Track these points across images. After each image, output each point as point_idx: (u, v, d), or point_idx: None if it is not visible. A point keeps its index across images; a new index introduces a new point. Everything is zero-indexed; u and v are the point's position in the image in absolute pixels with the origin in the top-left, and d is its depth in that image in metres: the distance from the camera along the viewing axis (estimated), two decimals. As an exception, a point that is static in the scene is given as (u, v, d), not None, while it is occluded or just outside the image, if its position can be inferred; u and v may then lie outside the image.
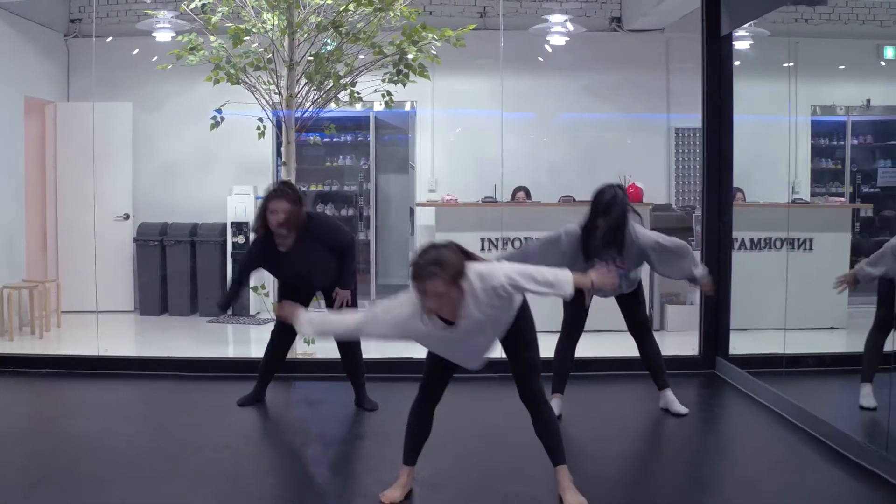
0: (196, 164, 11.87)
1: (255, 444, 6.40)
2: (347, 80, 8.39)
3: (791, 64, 11.64)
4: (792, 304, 8.77)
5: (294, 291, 6.74)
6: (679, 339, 9.79)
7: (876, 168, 12.66)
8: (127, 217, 11.68)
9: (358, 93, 8.46)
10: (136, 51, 11.38)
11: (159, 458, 5.80)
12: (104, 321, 9.44)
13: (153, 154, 12.01)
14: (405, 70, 8.29)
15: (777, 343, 8.42)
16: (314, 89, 8.38)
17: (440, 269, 4.39)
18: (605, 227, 6.34)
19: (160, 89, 11.86)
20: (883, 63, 12.14)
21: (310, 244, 6.58)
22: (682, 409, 6.86)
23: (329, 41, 8.32)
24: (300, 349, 8.43)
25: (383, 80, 8.37)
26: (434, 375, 5.00)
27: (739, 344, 8.40)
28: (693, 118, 11.93)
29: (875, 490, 5.30)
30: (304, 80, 8.38)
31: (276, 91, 8.45)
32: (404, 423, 5.04)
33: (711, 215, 8.32)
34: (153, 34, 10.79)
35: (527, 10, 11.69)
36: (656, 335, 10.09)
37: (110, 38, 11.24)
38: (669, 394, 6.94)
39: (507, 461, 5.84)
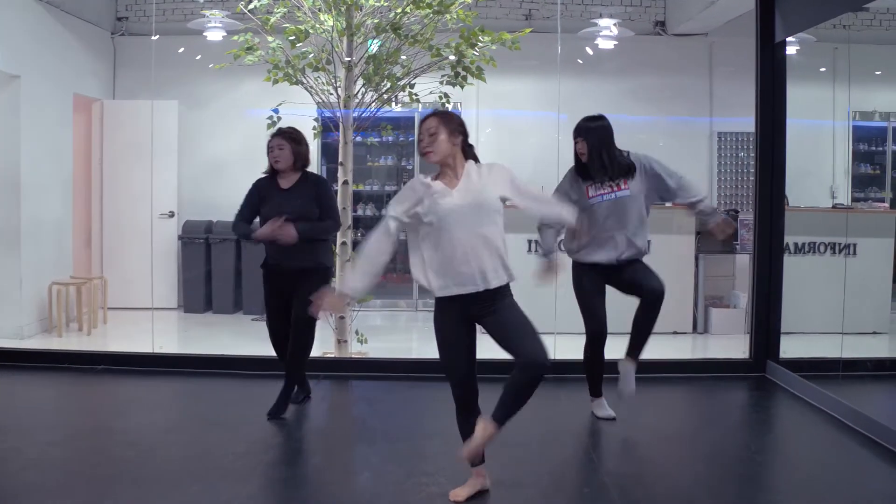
0: (241, 162, 11.87)
1: (323, 443, 6.47)
2: (404, 81, 8.45)
3: (823, 69, 11.71)
4: (836, 307, 8.84)
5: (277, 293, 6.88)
6: (723, 342, 9.87)
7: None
8: (172, 215, 11.77)
9: (416, 94, 8.52)
10: (181, 49, 11.44)
11: (229, 457, 5.83)
12: (149, 318, 9.50)
13: (198, 152, 12.10)
14: (463, 73, 8.36)
15: (821, 347, 8.49)
16: (371, 90, 8.44)
17: (443, 115, 5.04)
18: (587, 148, 6.49)
19: (206, 88, 11.97)
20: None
21: (306, 188, 6.78)
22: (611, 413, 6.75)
23: (378, 42, 8.37)
24: (354, 349, 8.50)
25: (441, 83, 8.42)
26: (460, 378, 4.97)
27: (784, 347, 8.43)
28: (736, 122, 12.03)
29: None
30: (361, 82, 8.44)
31: (332, 92, 8.51)
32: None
33: (764, 220, 8.34)
34: (204, 33, 10.85)
35: (572, 14, 11.73)
36: (700, 338, 10.27)
37: (157, 37, 11.31)
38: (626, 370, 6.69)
39: (576, 461, 5.92)
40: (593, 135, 6.52)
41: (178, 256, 11.84)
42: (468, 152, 5.04)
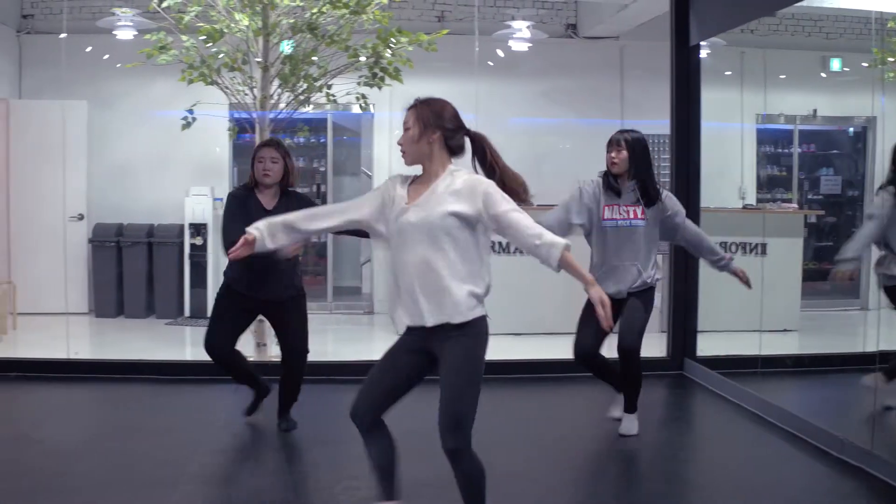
0: (152, 164, 11.74)
1: (249, 449, 6.38)
2: (321, 82, 8.39)
3: (729, 73, 11.91)
4: (746, 306, 9.00)
5: (239, 296, 6.33)
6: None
7: (818, 176, 13.00)
8: (81, 217, 11.51)
9: (333, 95, 8.46)
10: (89, 48, 11.22)
11: (153, 465, 5.74)
12: (60, 323, 9.26)
13: (108, 154, 11.84)
14: (380, 73, 8.33)
15: (734, 344, 8.65)
16: (287, 91, 8.36)
17: (423, 105, 4.29)
18: (627, 157, 6.27)
19: (115, 88, 11.72)
20: (824, 75, 12.44)
21: (290, 208, 6.22)
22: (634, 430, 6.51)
23: (292, 43, 8.30)
24: (271, 352, 8.40)
25: (359, 83, 8.38)
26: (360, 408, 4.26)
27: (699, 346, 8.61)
28: (646, 124, 12.12)
29: (860, 483, 5.50)
30: (277, 82, 8.35)
31: (247, 93, 8.41)
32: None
33: (680, 221, 8.44)
34: (114, 32, 10.65)
35: (484, 16, 11.75)
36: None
37: (64, 35, 11.07)
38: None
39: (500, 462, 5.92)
40: (637, 145, 6.35)
41: (87, 260, 11.57)
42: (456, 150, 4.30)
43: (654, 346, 8.97)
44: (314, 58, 8.37)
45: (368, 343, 10.76)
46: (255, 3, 8.08)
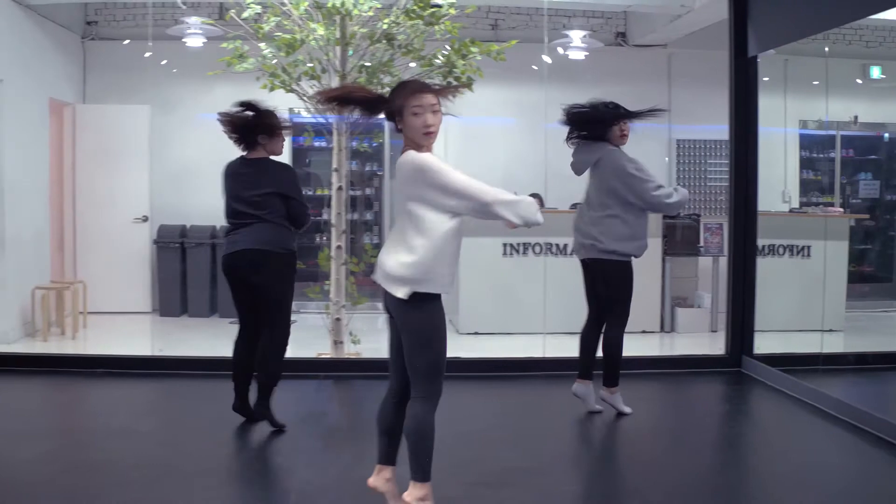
0: (213, 167, 11.95)
1: (352, 441, 6.57)
2: (396, 90, 8.66)
3: (766, 79, 12.18)
4: (795, 306, 9.27)
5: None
6: (690, 340, 10.23)
7: (858, 180, 13.29)
8: (145, 219, 11.85)
9: (410, 103, 8.74)
10: (147, 54, 11.54)
11: (246, 454, 6.11)
12: (126, 321, 9.48)
13: (169, 157, 12.20)
14: (455, 83, 8.61)
15: (785, 343, 8.97)
16: (363, 98, 8.63)
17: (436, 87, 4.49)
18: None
19: (176, 92, 12.08)
20: (859, 81, 12.73)
21: (268, 167, 6.96)
22: (627, 409, 6.96)
23: (350, 52, 8.61)
24: (347, 349, 8.70)
25: (431, 93, 8.65)
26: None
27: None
28: (694, 129, 12.46)
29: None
30: (353, 90, 8.63)
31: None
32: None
33: (738, 224, 8.71)
34: (183, 39, 10.99)
35: (537, 24, 12.05)
36: (668, 337, 10.63)
37: (127, 41, 11.44)
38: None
39: (566, 455, 6.27)
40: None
41: (152, 261, 11.93)
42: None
43: (708, 344, 9.26)
44: (394, 67, 8.65)
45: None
46: (333, 14, 8.36)
